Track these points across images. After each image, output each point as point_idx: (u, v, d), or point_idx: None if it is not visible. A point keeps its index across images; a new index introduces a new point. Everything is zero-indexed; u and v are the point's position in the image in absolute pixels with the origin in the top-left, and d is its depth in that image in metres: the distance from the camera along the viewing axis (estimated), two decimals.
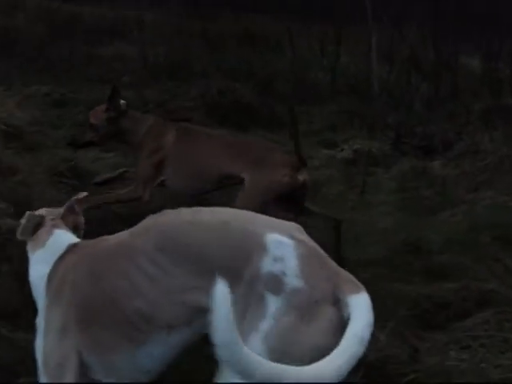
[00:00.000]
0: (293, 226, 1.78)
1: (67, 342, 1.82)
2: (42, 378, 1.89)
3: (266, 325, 1.53)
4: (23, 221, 2.11)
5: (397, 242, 3.90)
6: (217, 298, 1.32)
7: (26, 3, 13.23)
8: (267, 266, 1.57)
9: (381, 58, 8.22)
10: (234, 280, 1.51)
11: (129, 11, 12.87)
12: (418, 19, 9.62)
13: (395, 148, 6.19)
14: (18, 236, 2.10)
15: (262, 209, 3.01)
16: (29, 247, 2.10)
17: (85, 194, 2.38)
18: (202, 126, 5.39)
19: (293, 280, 1.56)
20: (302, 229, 1.77)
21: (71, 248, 1.98)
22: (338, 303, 1.57)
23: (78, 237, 2.11)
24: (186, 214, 1.82)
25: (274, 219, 1.81)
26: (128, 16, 12.54)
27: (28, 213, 2.12)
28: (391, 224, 4.32)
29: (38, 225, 2.09)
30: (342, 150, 6.22)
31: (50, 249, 2.02)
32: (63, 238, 2.05)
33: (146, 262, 1.71)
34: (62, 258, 1.95)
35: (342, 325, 1.53)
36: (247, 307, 1.56)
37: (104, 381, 1.86)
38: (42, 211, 2.17)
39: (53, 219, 2.10)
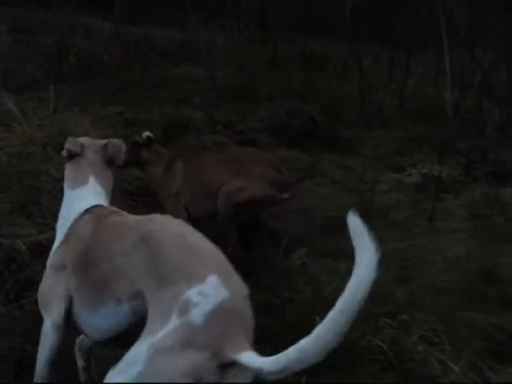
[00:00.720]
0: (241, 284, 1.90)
1: (61, 276, 2.16)
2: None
3: (159, 335, 1.71)
4: (66, 145, 2.41)
5: (469, 271, 3.80)
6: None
7: (102, 27, 13.79)
8: (191, 294, 1.75)
9: (452, 82, 8.09)
10: (167, 287, 1.79)
11: (199, 34, 13.19)
12: (490, 43, 9.45)
13: (466, 174, 6.06)
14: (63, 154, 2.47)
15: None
16: (66, 175, 2.50)
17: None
18: (268, 148, 5.52)
19: (197, 316, 1.71)
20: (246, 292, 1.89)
21: (96, 209, 2.28)
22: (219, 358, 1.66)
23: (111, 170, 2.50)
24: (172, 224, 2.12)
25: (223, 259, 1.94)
26: (198, 39, 12.85)
27: (70, 138, 2.46)
28: (463, 252, 4.21)
29: (76, 153, 2.41)
30: (410, 174, 6.14)
31: (80, 198, 2.34)
32: (93, 193, 2.37)
33: (130, 243, 1.98)
34: (86, 213, 2.26)
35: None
36: (162, 312, 1.76)
37: (76, 322, 2.17)
38: (83, 139, 2.51)
39: (93, 153, 2.42)
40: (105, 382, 1.78)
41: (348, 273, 3.34)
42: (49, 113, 6.15)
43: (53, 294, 2.15)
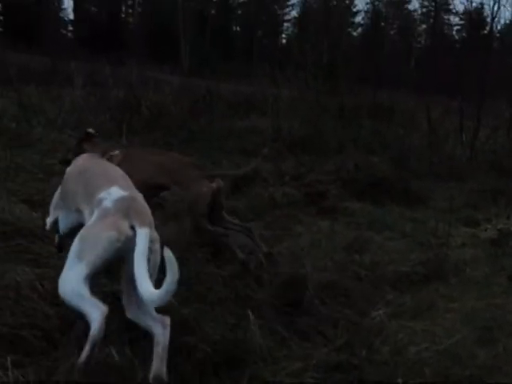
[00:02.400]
0: (139, 194, 2.86)
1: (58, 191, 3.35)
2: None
3: (92, 219, 2.66)
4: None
5: None
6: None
7: (170, 81, 14.24)
8: (101, 195, 2.72)
9: None
10: (92, 198, 2.76)
11: (265, 87, 13.41)
12: None
13: None
14: None
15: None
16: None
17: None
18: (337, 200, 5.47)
19: (107, 203, 2.66)
20: (142, 196, 2.84)
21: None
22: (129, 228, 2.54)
23: None
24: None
25: (127, 180, 3.00)
26: (264, 91, 13.06)
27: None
28: None
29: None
30: (486, 229, 5.88)
31: None
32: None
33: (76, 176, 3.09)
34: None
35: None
36: (93, 211, 2.71)
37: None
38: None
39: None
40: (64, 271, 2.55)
41: (426, 332, 3.19)
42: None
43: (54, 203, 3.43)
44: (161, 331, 2.47)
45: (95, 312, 2.40)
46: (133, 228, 2.50)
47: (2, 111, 10.30)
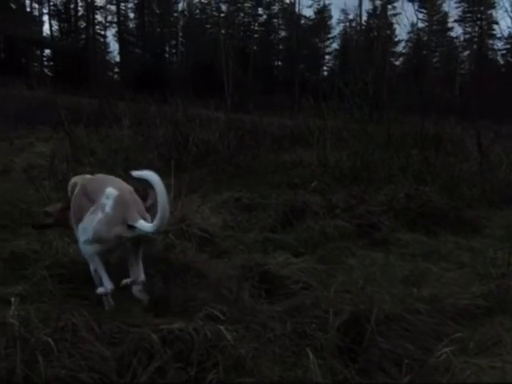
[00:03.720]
0: (128, 188, 3.73)
1: None
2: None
3: (96, 218, 3.53)
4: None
5: None
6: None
7: (216, 117, 14.41)
8: (102, 199, 3.55)
9: None
10: (95, 202, 3.58)
11: (310, 119, 13.42)
12: None
13: None
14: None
15: None
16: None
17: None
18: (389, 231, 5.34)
19: (108, 209, 3.51)
20: (132, 189, 3.72)
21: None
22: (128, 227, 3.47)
23: None
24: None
25: (119, 181, 3.83)
26: (308, 123, 13.06)
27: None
28: None
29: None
30: None
31: None
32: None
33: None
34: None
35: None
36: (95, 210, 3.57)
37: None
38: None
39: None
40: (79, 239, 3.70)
41: (494, 369, 3.02)
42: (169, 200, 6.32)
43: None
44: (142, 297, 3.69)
45: (108, 284, 3.59)
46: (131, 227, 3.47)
47: (54, 152, 10.59)
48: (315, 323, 3.27)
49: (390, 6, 49.80)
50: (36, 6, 51.86)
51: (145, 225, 3.41)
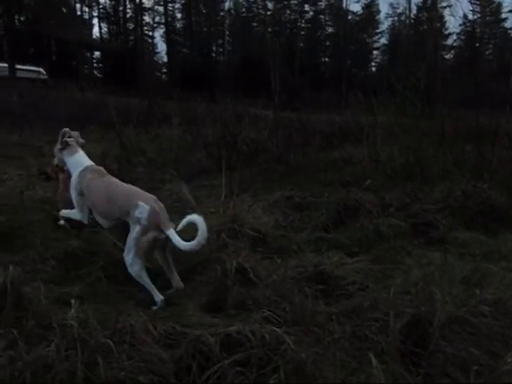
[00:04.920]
0: (152, 197, 4.23)
1: (81, 198, 4.52)
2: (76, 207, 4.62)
3: (135, 232, 4.03)
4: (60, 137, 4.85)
5: None
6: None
7: (264, 116, 14.35)
8: (136, 214, 4.06)
9: None
10: (127, 212, 4.13)
11: (359, 115, 13.23)
12: None
13: None
14: (58, 147, 4.89)
15: None
16: (65, 152, 4.81)
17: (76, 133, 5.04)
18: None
19: (144, 221, 4.02)
20: (157, 199, 4.24)
21: (90, 167, 4.65)
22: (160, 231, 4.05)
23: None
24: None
25: (145, 194, 4.30)
26: (357, 119, 12.86)
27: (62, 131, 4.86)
28: None
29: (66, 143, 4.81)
30: None
31: (79, 158, 4.74)
32: (84, 158, 4.76)
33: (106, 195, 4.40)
34: (86, 168, 4.62)
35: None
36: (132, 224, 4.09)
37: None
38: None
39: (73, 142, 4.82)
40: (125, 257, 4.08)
41: None
42: (221, 200, 6.31)
43: (80, 201, 4.56)
44: (178, 285, 4.14)
45: (157, 297, 3.98)
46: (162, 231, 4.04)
47: (105, 153, 10.74)
48: (375, 326, 3.18)
49: None
50: (86, 9, 53.03)
51: (180, 242, 4.00)
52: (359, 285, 4.19)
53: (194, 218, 4.00)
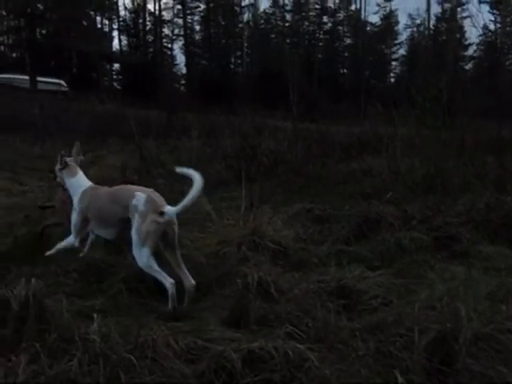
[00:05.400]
0: (149, 189, 4.49)
1: (81, 216, 4.74)
2: (72, 231, 4.79)
3: (135, 222, 4.26)
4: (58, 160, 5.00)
5: None
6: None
7: (283, 127, 14.34)
8: (133, 202, 4.31)
9: None
10: (127, 206, 4.37)
11: (376, 126, 13.18)
12: None
13: None
14: (58, 167, 5.03)
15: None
16: (65, 173, 4.96)
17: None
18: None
19: (141, 207, 4.27)
20: (154, 191, 4.49)
21: (90, 187, 4.88)
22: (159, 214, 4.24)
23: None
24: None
25: (143, 188, 4.54)
26: (376, 130, 12.81)
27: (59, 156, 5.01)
28: None
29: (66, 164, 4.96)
30: None
31: (80, 180, 4.93)
32: (84, 179, 4.96)
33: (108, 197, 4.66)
34: (87, 189, 4.85)
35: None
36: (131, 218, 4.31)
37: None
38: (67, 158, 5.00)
39: (72, 163, 4.99)
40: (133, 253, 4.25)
41: None
42: (240, 212, 6.29)
43: (79, 223, 4.74)
44: (190, 287, 4.21)
45: (168, 282, 4.08)
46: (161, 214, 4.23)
47: (125, 165, 10.80)
48: (400, 342, 3.13)
49: (459, 9, 48.64)
50: (106, 22, 53.70)
51: (171, 209, 4.24)
52: (382, 299, 4.13)
53: (194, 175, 4.36)
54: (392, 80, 56.27)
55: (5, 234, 5.86)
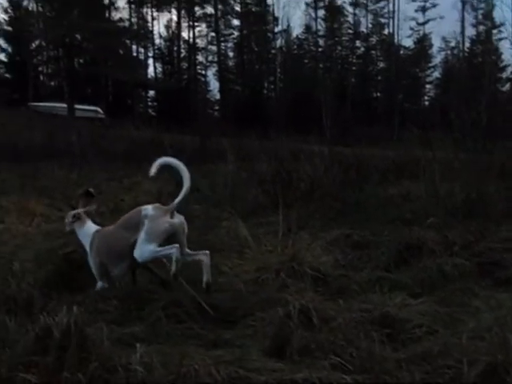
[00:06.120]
0: (156, 204, 4.83)
1: (97, 260, 4.87)
2: (96, 276, 4.92)
3: (145, 226, 4.60)
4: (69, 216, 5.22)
5: None
6: None
7: (317, 150, 14.29)
8: (143, 213, 4.67)
9: None
10: (138, 222, 4.67)
11: (412, 150, 13.02)
12: None
13: None
14: (69, 220, 5.18)
15: None
16: (75, 225, 5.11)
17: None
18: None
19: (150, 212, 4.64)
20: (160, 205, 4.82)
21: (97, 231, 5.03)
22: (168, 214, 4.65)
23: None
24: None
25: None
26: (412, 154, 12.65)
27: (69, 213, 5.26)
28: None
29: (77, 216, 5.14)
30: None
31: (88, 228, 5.07)
32: (92, 226, 5.11)
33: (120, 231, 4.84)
34: (94, 233, 5.01)
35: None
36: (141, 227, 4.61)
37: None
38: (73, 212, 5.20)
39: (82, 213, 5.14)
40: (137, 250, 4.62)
41: None
42: (278, 238, 6.24)
43: (101, 271, 4.86)
44: (204, 257, 4.70)
45: (171, 249, 4.46)
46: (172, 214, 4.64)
47: (160, 190, 10.87)
48: (448, 374, 3.02)
49: (494, 31, 48.25)
50: (141, 50, 54.67)
51: (174, 203, 4.68)
52: (426, 328, 4.00)
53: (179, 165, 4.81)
54: (426, 103, 55.90)
55: (44, 260, 5.91)
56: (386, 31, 56.04)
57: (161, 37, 55.57)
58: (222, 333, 4.03)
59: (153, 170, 4.77)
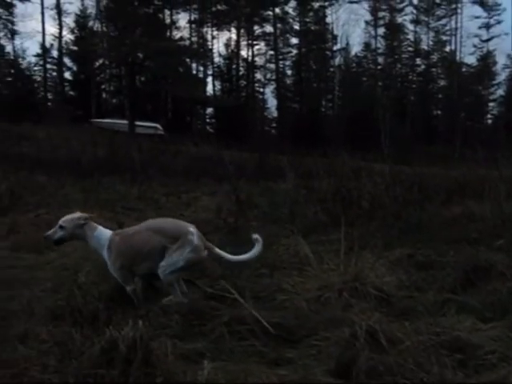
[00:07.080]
0: (192, 226, 5.01)
1: (118, 263, 4.90)
2: (120, 280, 4.98)
3: (185, 250, 4.83)
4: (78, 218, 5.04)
5: None
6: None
7: (376, 168, 14.10)
8: (189, 237, 4.86)
9: None
10: (176, 237, 4.88)
11: (475, 169, 12.69)
12: None
13: None
14: (79, 222, 5.02)
15: None
16: (86, 229, 4.99)
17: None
18: None
19: (189, 247, 4.83)
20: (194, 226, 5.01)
21: (116, 233, 5.06)
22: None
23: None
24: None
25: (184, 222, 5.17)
26: (476, 173, 12.33)
27: (79, 216, 5.04)
28: None
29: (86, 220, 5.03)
30: None
31: (102, 232, 5.03)
32: (106, 230, 5.08)
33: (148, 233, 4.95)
34: (111, 236, 4.99)
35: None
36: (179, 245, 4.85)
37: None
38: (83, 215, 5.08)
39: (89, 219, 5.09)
40: (166, 271, 4.81)
41: None
42: (339, 256, 6.13)
43: (123, 273, 4.94)
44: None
45: (180, 298, 4.83)
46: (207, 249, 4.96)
47: (220, 206, 10.93)
48: None
49: None
50: (201, 68, 55.58)
51: (230, 257, 5.11)
52: (499, 355, 3.83)
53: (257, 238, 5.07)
54: (489, 121, 54.54)
55: (108, 274, 6.00)
56: (447, 48, 55.23)
57: (220, 55, 56.53)
58: (284, 351, 3.97)
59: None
